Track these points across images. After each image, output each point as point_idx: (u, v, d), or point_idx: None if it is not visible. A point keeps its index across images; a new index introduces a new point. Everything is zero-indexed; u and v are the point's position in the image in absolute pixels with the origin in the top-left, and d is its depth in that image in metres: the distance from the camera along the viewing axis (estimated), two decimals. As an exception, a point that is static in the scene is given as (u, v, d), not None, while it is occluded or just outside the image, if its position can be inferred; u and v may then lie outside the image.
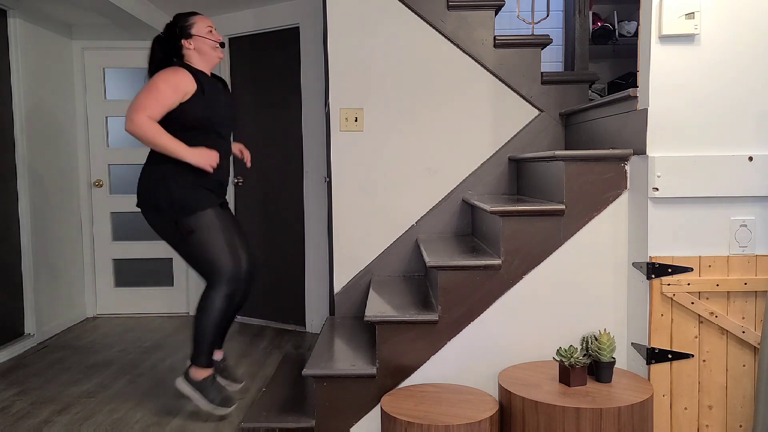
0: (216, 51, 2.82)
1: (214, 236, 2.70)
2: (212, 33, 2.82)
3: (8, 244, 3.91)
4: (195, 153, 2.66)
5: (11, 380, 3.43)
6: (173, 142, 2.63)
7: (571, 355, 2.24)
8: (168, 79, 2.64)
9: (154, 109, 2.60)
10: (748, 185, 2.26)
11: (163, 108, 2.62)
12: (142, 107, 2.59)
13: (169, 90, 2.62)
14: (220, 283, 2.71)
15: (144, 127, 2.58)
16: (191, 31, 2.78)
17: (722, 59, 2.26)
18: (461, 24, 3.23)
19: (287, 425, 2.52)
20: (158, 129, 2.61)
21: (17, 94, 4.00)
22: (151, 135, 2.59)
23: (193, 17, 2.81)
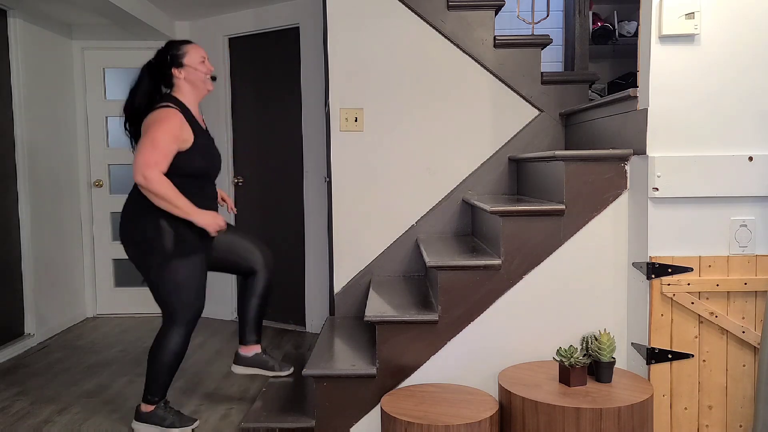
0: (206, 83, 2.71)
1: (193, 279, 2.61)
2: (204, 64, 2.70)
3: (8, 244, 3.91)
4: (204, 215, 2.58)
5: (11, 380, 3.43)
6: (186, 202, 2.55)
7: (571, 355, 2.24)
8: (166, 130, 2.53)
9: (163, 164, 2.52)
10: (748, 185, 2.26)
11: (169, 161, 2.54)
12: (153, 164, 2.49)
13: (170, 142, 2.53)
14: (180, 323, 2.62)
15: (161, 185, 2.49)
16: (183, 61, 2.67)
17: (722, 59, 2.26)
18: (461, 24, 3.23)
19: (287, 425, 2.52)
20: (173, 187, 2.53)
21: (17, 94, 4.00)
22: (167, 194, 2.50)
23: (186, 46, 2.70)
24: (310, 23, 4.09)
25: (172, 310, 2.62)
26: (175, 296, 2.60)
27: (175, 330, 2.63)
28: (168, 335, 2.63)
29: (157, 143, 2.51)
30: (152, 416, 2.67)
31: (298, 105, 4.24)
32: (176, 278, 2.59)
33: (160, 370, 2.64)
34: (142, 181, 2.49)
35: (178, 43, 2.72)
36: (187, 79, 2.67)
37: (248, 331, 2.90)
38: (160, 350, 2.63)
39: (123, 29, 4.36)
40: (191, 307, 2.63)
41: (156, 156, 2.50)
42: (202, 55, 2.72)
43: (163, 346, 2.63)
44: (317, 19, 4.05)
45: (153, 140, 2.51)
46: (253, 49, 4.44)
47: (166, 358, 2.63)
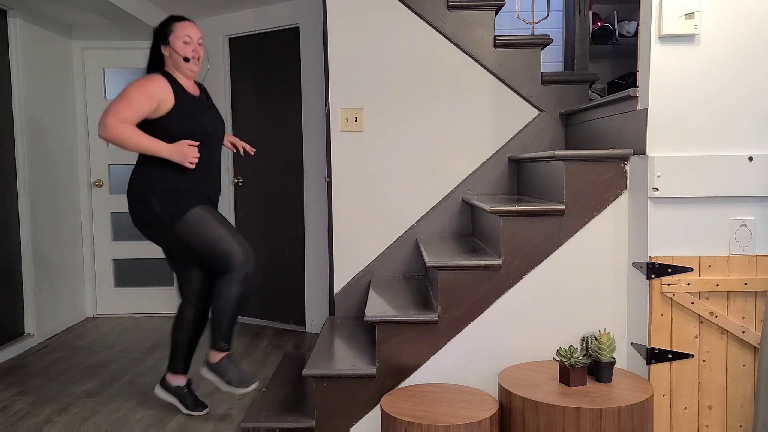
0: (185, 64, 2.70)
1: (211, 229, 2.65)
2: (186, 45, 2.69)
3: (8, 244, 3.91)
4: (172, 149, 2.60)
5: (11, 380, 3.43)
6: (149, 140, 2.58)
7: (571, 355, 2.24)
8: (139, 87, 2.59)
9: (125, 114, 2.55)
10: (748, 185, 2.26)
11: (135, 114, 2.56)
12: (113, 112, 2.54)
13: (140, 97, 2.57)
14: (233, 270, 2.66)
15: (117, 130, 2.53)
16: (169, 38, 2.70)
17: (722, 59, 2.26)
18: (461, 24, 3.23)
19: (287, 425, 2.52)
20: (132, 129, 2.56)
21: (17, 94, 4.00)
22: (126, 136, 2.54)
23: (174, 23, 2.71)
24: (310, 23, 4.09)
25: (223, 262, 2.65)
26: (207, 245, 2.64)
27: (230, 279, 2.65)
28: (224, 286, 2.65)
29: (127, 95, 2.58)
30: (217, 367, 2.73)
31: (298, 105, 4.24)
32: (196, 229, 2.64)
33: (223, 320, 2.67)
34: (102, 130, 2.55)
35: (171, 19, 2.75)
36: (170, 56, 2.72)
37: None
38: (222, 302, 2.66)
39: (123, 29, 4.36)
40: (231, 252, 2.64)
41: (119, 105, 2.56)
42: (188, 34, 2.70)
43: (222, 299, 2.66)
44: (317, 19, 4.05)
45: (124, 93, 2.60)
46: (253, 49, 4.44)
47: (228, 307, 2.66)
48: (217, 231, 2.66)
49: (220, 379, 2.75)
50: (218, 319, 2.70)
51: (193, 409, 2.89)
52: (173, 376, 2.92)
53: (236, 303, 2.68)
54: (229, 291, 2.67)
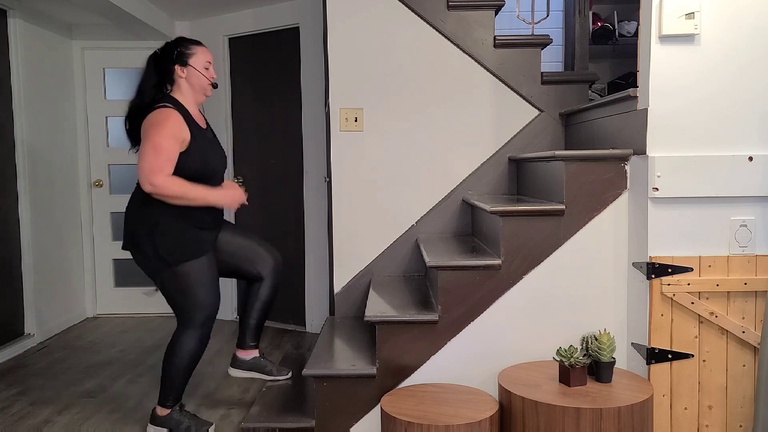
0: (206, 89, 2.67)
1: (201, 280, 2.58)
2: (209, 70, 2.66)
3: (8, 244, 3.91)
4: (221, 195, 2.60)
5: (11, 380, 3.43)
6: (200, 191, 2.54)
7: (571, 355, 2.24)
8: (165, 133, 2.48)
9: (168, 167, 2.48)
10: (748, 185, 2.26)
11: (173, 162, 2.51)
12: (158, 169, 2.45)
13: (172, 144, 2.49)
14: (195, 326, 2.59)
15: (167, 186, 2.46)
16: (189, 60, 2.62)
17: (722, 59, 2.26)
18: (461, 24, 3.23)
19: (287, 425, 2.52)
20: (181, 183, 2.50)
21: (17, 94, 4.00)
22: (180, 192, 2.48)
23: (195, 47, 2.65)
24: (310, 23, 4.09)
25: (184, 313, 2.59)
26: (185, 299, 2.57)
27: (190, 333, 2.59)
28: (182, 339, 2.59)
29: (160, 147, 2.46)
30: (168, 420, 2.64)
31: (298, 105, 4.24)
32: (184, 281, 2.56)
33: (175, 374, 2.60)
34: (151, 189, 2.46)
35: (189, 41, 2.67)
36: (188, 79, 2.63)
37: (248, 336, 2.88)
38: (175, 354, 2.59)
39: (123, 29, 4.36)
40: (203, 309, 2.59)
41: (160, 161, 2.46)
42: (209, 60, 2.67)
43: (177, 350, 2.59)
44: (317, 19, 4.05)
45: (155, 145, 2.46)
46: (253, 49, 4.44)
47: (181, 362, 2.59)
48: (201, 287, 2.58)
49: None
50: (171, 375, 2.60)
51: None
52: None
53: (193, 360, 2.62)
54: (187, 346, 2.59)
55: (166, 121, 2.50)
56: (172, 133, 2.49)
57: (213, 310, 2.63)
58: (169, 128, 2.49)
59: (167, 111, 2.54)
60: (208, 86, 2.67)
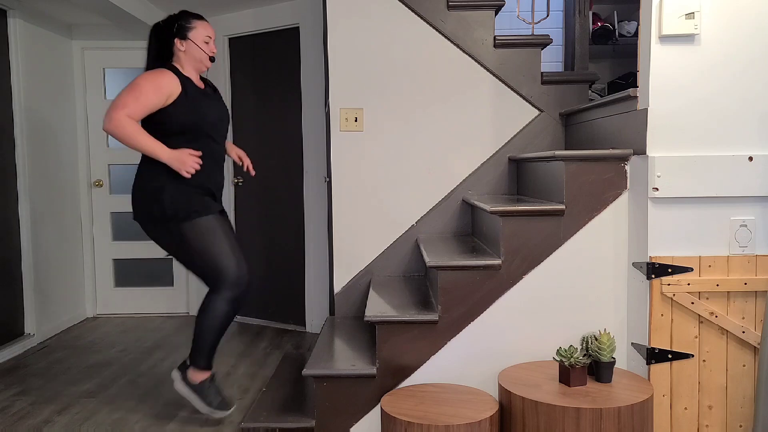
0: (204, 62, 2.73)
1: (216, 241, 2.65)
2: (208, 44, 2.73)
3: (8, 244, 3.91)
4: (172, 155, 2.58)
5: (11, 380, 3.43)
6: (151, 142, 2.55)
7: (571, 355, 2.24)
8: (151, 79, 2.57)
9: (134, 107, 2.52)
10: (748, 185, 2.26)
11: (143, 108, 2.54)
12: (121, 105, 2.51)
13: (151, 90, 2.54)
14: (224, 288, 2.66)
15: (121, 125, 2.50)
16: (188, 34, 2.70)
17: (722, 59, 2.26)
18: (461, 24, 3.23)
19: (287, 425, 2.52)
20: (136, 128, 2.53)
21: (17, 94, 4.00)
22: (128, 133, 2.51)
23: (196, 20, 2.73)
24: (310, 23, 4.09)
25: (209, 277, 2.66)
26: (205, 260, 2.64)
27: (219, 296, 2.66)
28: (212, 300, 2.66)
29: (137, 86, 2.55)
30: (197, 387, 2.74)
31: (298, 105, 4.24)
32: (199, 241, 2.63)
33: (205, 335, 2.68)
34: (107, 123, 2.51)
35: (190, 15, 2.75)
36: (186, 53, 2.71)
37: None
38: (206, 316, 2.66)
39: (123, 29, 4.36)
40: (227, 269, 2.65)
41: (128, 98, 2.53)
42: (209, 34, 2.75)
43: (208, 311, 2.66)
44: (317, 19, 4.05)
45: (133, 84, 2.56)
46: (253, 49, 4.44)
47: (211, 324, 2.66)
48: (221, 245, 2.65)
49: (201, 400, 2.73)
50: (202, 336, 2.69)
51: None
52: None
53: (222, 322, 2.68)
54: (217, 308, 2.66)
55: (157, 73, 2.61)
56: (156, 82, 2.57)
57: (239, 271, 2.67)
58: (154, 76, 2.59)
59: (161, 69, 2.65)
60: (206, 59, 2.74)
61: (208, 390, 2.76)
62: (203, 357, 2.73)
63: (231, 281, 2.66)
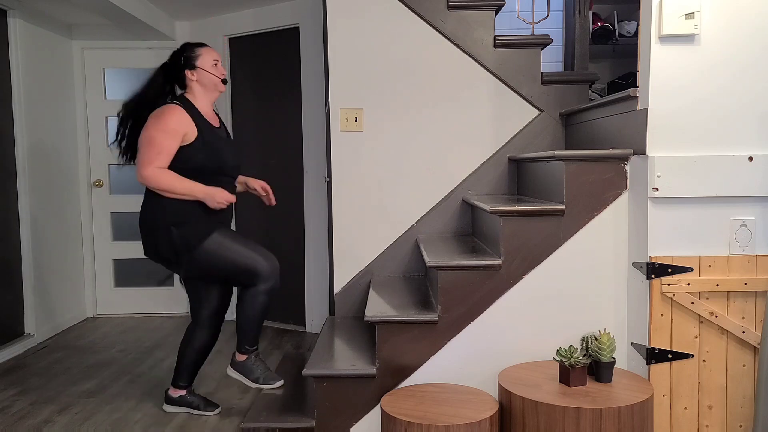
0: (217, 86, 2.79)
1: (231, 250, 2.69)
2: (217, 67, 2.79)
3: (8, 244, 3.91)
4: (206, 193, 2.66)
5: (11, 380, 3.43)
6: (188, 184, 2.64)
7: (571, 355, 2.24)
8: (160, 128, 2.61)
9: (159, 160, 2.61)
10: (748, 185, 2.26)
11: (167, 156, 2.62)
12: (147, 162, 2.60)
13: (164, 138, 2.61)
14: (261, 282, 2.72)
15: (156, 179, 2.61)
16: (196, 63, 2.76)
17: (722, 59, 2.26)
18: (461, 24, 3.23)
19: (287, 425, 2.52)
20: (169, 175, 2.62)
21: (17, 94, 4.00)
22: (166, 184, 2.61)
23: (199, 48, 2.79)
24: (310, 23, 4.09)
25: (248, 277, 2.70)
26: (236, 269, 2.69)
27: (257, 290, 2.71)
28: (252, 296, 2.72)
29: (153, 140, 2.61)
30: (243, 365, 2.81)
31: (298, 105, 4.24)
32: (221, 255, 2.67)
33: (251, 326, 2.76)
34: (142, 180, 2.64)
35: (193, 45, 2.81)
36: (199, 81, 2.77)
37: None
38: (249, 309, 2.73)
39: (123, 29, 4.36)
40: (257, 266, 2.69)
41: (150, 154, 2.61)
42: (215, 58, 2.81)
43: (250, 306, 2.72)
44: (317, 19, 4.05)
45: (149, 139, 2.62)
46: (253, 49, 4.44)
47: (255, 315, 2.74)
48: (238, 250, 2.70)
49: (246, 378, 2.81)
50: (245, 327, 2.77)
51: (204, 409, 2.90)
52: (175, 390, 2.94)
53: (263, 311, 2.76)
54: (257, 301, 2.74)
55: (164, 116, 2.64)
56: (169, 127, 2.62)
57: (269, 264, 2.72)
58: (165, 122, 2.63)
59: (169, 107, 2.68)
60: (219, 83, 2.80)
61: (254, 366, 2.81)
62: (249, 342, 2.80)
63: (266, 275, 2.72)
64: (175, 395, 2.92)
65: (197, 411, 2.90)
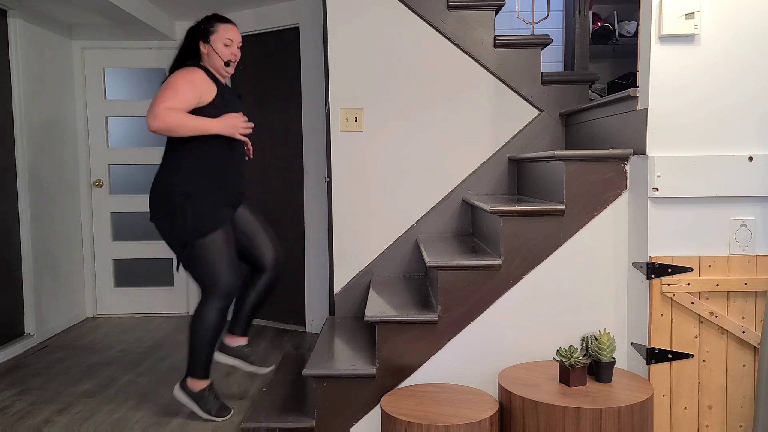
0: (219, 69, 2.78)
1: (218, 254, 2.71)
2: (229, 47, 2.76)
3: (8, 244, 3.91)
4: (222, 123, 2.67)
5: (11, 380, 3.43)
6: (199, 122, 2.62)
7: (571, 355, 2.24)
8: (183, 75, 2.64)
9: (172, 101, 2.57)
10: (748, 185, 2.26)
11: (181, 102, 2.59)
12: (160, 101, 2.56)
13: (186, 85, 2.60)
14: (216, 298, 2.73)
15: (165, 116, 2.55)
16: (210, 37, 2.76)
17: (722, 59, 2.26)
18: (461, 24, 3.23)
19: (287, 425, 2.52)
20: (181, 113, 2.58)
21: (17, 94, 4.00)
22: (177, 122, 2.57)
23: (218, 24, 2.77)
24: (310, 23, 4.09)
25: (207, 286, 2.73)
26: (206, 272, 2.71)
27: (210, 305, 2.73)
28: (204, 310, 2.73)
29: (172, 85, 2.61)
30: (196, 395, 2.80)
31: (298, 105, 4.24)
32: (204, 254, 2.69)
33: (200, 345, 2.75)
34: (152, 120, 2.55)
35: (215, 18, 2.81)
36: (209, 54, 2.77)
37: (239, 323, 2.97)
38: (199, 325, 2.74)
39: (123, 29, 4.36)
40: (223, 283, 2.72)
41: (166, 94, 2.58)
42: (229, 37, 2.77)
43: (201, 322, 2.73)
44: (317, 19, 4.05)
45: (171, 85, 2.61)
46: (253, 48, 4.44)
47: (206, 333, 2.73)
48: (223, 258, 2.72)
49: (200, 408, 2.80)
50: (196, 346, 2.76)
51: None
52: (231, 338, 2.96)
53: (213, 332, 2.75)
54: (209, 318, 2.73)
55: (188, 71, 2.67)
56: (192, 79, 2.64)
57: (232, 287, 2.76)
58: (189, 75, 2.64)
59: (193, 68, 2.70)
60: (222, 65, 2.77)
61: (207, 397, 2.81)
62: (199, 366, 2.78)
63: (223, 292, 2.74)
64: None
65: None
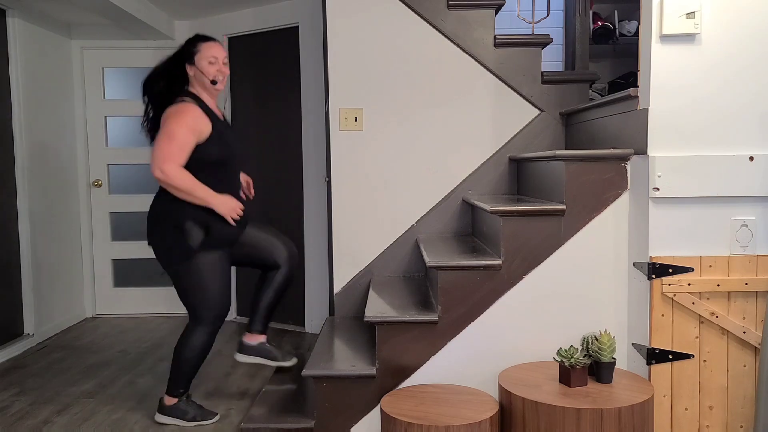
0: (206, 87, 2.70)
1: (211, 281, 2.67)
2: (213, 65, 2.67)
3: (8, 244, 3.90)
4: (221, 202, 2.63)
5: (11, 380, 3.42)
6: (204, 193, 2.60)
7: (571, 355, 2.24)
8: (182, 123, 2.56)
9: (180, 157, 2.55)
10: (749, 185, 2.26)
11: (187, 154, 2.57)
12: (169, 158, 2.52)
13: (187, 134, 2.56)
14: (206, 322, 2.70)
15: (177, 178, 2.53)
16: (194, 58, 2.68)
17: (723, 59, 2.26)
18: (461, 23, 3.23)
19: (287, 425, 2.52)
20: (190, 179, 2.57)
21: (16, 93, 3.99)
22: (185, 186, 2.55)
23: (201, 44, 2.69)
24: (310, 23, 4.09)
25: (196, 310, 2.70)
26: (197, 296, 2.68)
27: (200, 329, 2.71)
28: (193, 333, 2.71)
29: (174, 136, 2.55)
30: (174, 409, 2.76)
31: (298, 105, 4.24)
32: (197, 279, 2.66)
33: (184, 366, 2.72)
34: (160, 175, 2.54)
35: (197, 39, 2.73)
36: (195, 76, 2.70)
37: (257, 321, 2.98)
38: (185, 347, 2.71)
39: (123, 29, 4.36)
40: (215, 307, 2.70)
41: (172, 149, 2.54)
42: (213, 55, 2.69)
43: (187, 344, 2.71)
44: (317, 19, 4.05)
45: (169, 133, 2.56)
46: (253, 48, 4.43)
47: (191, 355, 2.71)
48: (215, 282, 2.68)
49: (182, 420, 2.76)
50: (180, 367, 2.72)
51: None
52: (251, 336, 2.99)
53: (201, 354, 2.73)
54: (197, 340, 2.71)
55: (183, 112, 2.59)
56: (188, 123, 2.58)
57: (223, 311, 2.74)
58: (186, 119, 2.58)
59: (186, 104, 2.63)
60: (208, 83, 2.70)
61: (186, 407, 2.77)
62: (182, 386, 2.76)
63: (213, 317, 2.71)
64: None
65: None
